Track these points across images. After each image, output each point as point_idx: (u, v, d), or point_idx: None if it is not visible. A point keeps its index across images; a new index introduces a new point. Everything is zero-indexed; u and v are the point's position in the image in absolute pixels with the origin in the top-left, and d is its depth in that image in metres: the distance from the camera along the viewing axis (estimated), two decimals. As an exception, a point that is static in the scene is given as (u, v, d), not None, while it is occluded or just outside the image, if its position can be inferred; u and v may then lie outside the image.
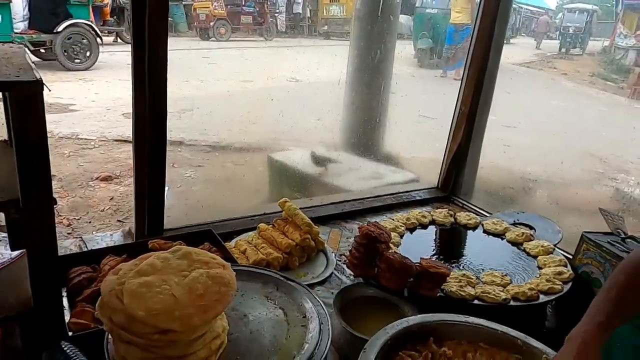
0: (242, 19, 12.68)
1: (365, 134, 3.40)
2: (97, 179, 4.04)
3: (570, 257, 1.71)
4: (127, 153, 4.56)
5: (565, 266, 1.66)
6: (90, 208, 3.57)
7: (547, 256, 1.73)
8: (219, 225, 1.99)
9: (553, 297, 1.51)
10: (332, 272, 1.78)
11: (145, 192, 1.74)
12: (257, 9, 12.58)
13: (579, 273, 1.64)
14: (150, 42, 1.53)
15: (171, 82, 1.65)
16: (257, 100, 4.68)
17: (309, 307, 1.26)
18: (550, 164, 4.13)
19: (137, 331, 0.96)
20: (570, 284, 1.57)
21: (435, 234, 1.99)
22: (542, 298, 1.50)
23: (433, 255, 1.82)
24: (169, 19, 1.62)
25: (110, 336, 1.06)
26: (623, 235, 1.63)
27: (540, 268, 1.69)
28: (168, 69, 1.61)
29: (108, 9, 10.20)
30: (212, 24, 11.80)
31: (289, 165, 3.23)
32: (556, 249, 1.81)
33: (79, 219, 3.40)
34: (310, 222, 1.85)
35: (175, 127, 4.47)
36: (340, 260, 1.86)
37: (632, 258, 1.09)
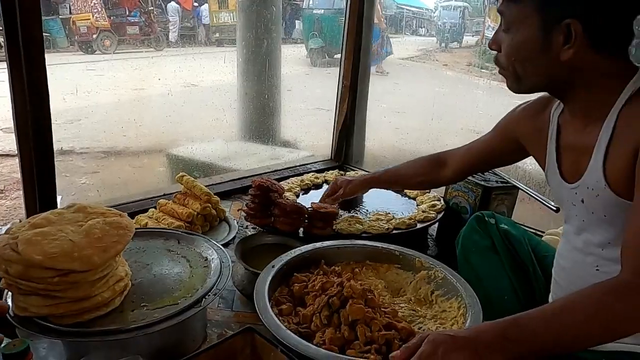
0: (128, 30, 12.15)
1: (261, 122, 3.52)
2: (-20, 196, 3.74)
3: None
4: (10, 167, 4.27)
5: (439, 200, 1.91)
6: (-24, 226, 3.31)
7: (424, 196, 1.97)
8: (118, 208, 1.99)
9: (428, 223, 1.74)
10: (236, 236, 1.87)
11: (36, 204, 1.71)
12: (144, 19, 12.18)
13: (450, 205, 1.89)
14: (27, 56, 1.49)
15: (55, 95, 1.64)
16: (151, 106, 4.60)
17: (210, 252, 1.35)
18: (436, 141, 4.56)
19: (36, 277, 1.00)
20: (442, 213, 1.82)
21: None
22: (420, 225, 1.73)
23: (327, 209, 1.98)
24: (46, 34, 1.60)
25: (9, 293, 1.08)
26: (481, 170, 1.91)
27: (418, 205, 1.92)
28: (51, 82, 1.59)
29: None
30: (95, 36, 11.19)
31: (189, 157, 3.27)
32: (431, 189, 2.05)
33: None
34: (209, 191, 1.92)
35: (63, 138, 4.27)
36: (243, 227, 1.95)
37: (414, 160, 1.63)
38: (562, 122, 1.07)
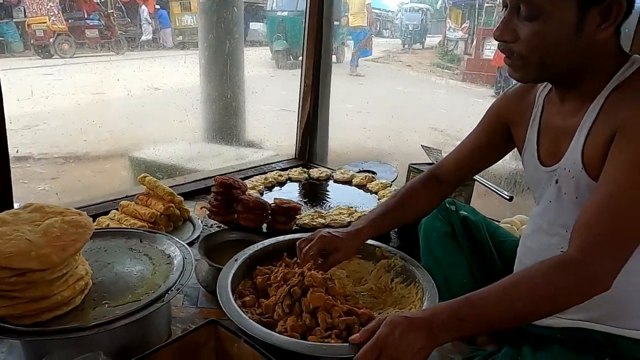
0: (87, 34, 11.82)
1: (225, 122, 3.52)
2: None
3: (404, 187, 2.03)
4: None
5: (399, 194, 1.96)
6: None
7: (385, 190, 2.02)
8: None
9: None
10: (200, 235, 1.87)
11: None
12: (104, 22, 11.90)
13: (410, 197, 1.94)
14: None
15: (9, 100, 1.60)
16: (112, 110, 4.52)
17: (172, 250, 1.35)
18: (398, 138, 4.65)
19: (-7, 277, 0.98)
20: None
21: (298, 189, 2.19)
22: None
23: (291, 206, 2.01)
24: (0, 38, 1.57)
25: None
26: (439, 162, 1.98)
27: (380, 199, 1.97)
28: (5, 86, 1.55)
29: None
30: (52, 40, 10.85)
31: (152, 160, 3.23)
32: (393, 184, 2.11)
33: None
34: (173, 191, 1.92)
35: (21, 143, 4.13)
36: (207, 226, 1.95)
37: (410, 182, 1.41)
38: (547, 104, 1.09)
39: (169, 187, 2.05)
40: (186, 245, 1.36)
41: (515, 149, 1.23)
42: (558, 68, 0.94)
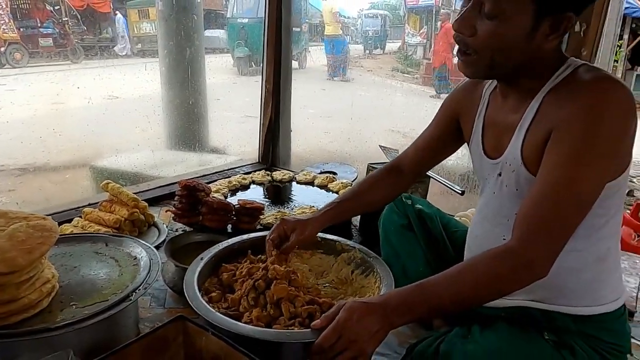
0: (40, 42, 11.48)
1: (188, 129, 3.53)
2: None
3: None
4: None
5: (359, 192, 2.04)
6: None
7: (346, 189, 2.10)
8: (41, 220, 1.95)
9: (350, 213, 1.86)
10: (165, 239, 1.89)
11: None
12: (58, 31, 11.58)
13: (370, 195, 2.03)
14: None
15: None
16: (71, 119, 4.44)
17: (138, 251, 1.38)
18: (361, 141, 4.75)
19: (-42, 283, 1.00)
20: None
21: (262, 192, 2.24)
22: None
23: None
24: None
25: None
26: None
27: (341, 198, 2.05)
28: None
29: None
30: (3, 49, 10.50)
31: (115, 168, 3.21)
32: (353, 184, 2.19)
33: None
34: (137, 197, 1.94)
35: (-27, 156, 4.01)
36: (172, 230, 1.98)
37: (370, 174, 1.49)
38: (492, 100, 1.17)
39: (133, 193, 2.06)
40: (152, 247, 1.39)
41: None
42: (506, 67, 1.00)
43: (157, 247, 1.81)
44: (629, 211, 2.90)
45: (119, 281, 1.24)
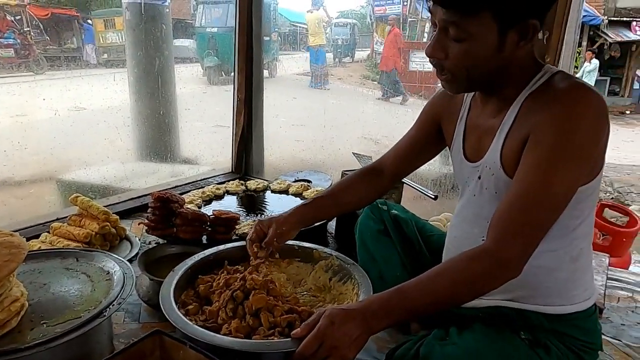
0: (1, 53, 11.14)
1: (158, 140, 3.48)
2: None
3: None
4: None
5: (335, 200, 2.05)
6: None
7: (322, 190, 2.10)
8: (6, 237, 1.88)
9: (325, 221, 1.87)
10: (138, 252, 1.85)
11: None
12: (20, 41, 11.26)
13: (344, 202, 2.04)
14: None
15: None
16: (37, 133, 4.31)
17: (111, 266, 1.35)
18: (330, 148, 4.78)
19: None
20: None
21: (237, 201, 2.22)
22: (318, 223, 1.84)
23: (230, 217, 2.04)
24: None
25: None
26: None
27: (316, 205, 2.05)
28: None
29: None
30: (-40, 60, 10.13)
31: (83, 182, 3.13)
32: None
33: None
34: (107, 210, 1.89)
35: None
36: (145, 243, 1.94)
37: (348, 175, 1.50)
38: (473, 105, 1.20)
39: (104, 206, 2.01)
40: (125, 261, 1.36)
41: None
42: (483, 79, 1.04)
43: (130, 261, 1.77)
44: (594, 211, 2.99)
45: (91, 297, 1.21)
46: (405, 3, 14.57)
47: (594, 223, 1.14)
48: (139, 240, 1.94)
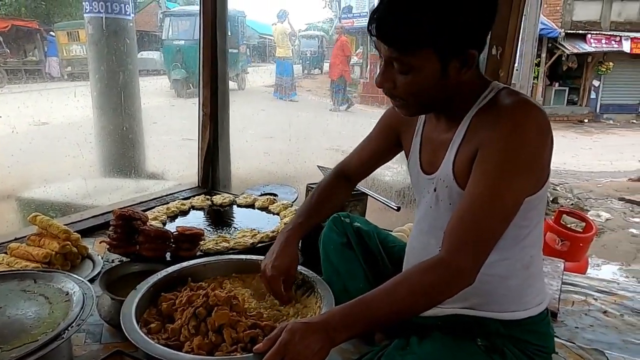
0: (-46, 67, 10.76)
1: (122, 155, 3.43)
2: None
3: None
4: None
5: (300, 213, 2.06)
6: None
7: (286, 210, 2.12)
8: (-40, 259, 1.81)
9: (291, 234, 1.88)
10: (101, 271, 1.82)
11: None
12: (-26, 54, 10.93)
13: (310, 215, 2.06)
14: None
15: None
16: (-5, 149, 4.18)
17: (71, 286, 1.32)
18: (296, 161, 4.80)
19: None
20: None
21: (202, 217, 2.21)
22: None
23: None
24: None
25: None
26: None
27: (282, 219, 2.06)
28: None
29: None
30: None
31: (44, 199, 3.05)
32: (293, 204, 2.22)
33: None
34: (68, 229, 1.86)
35: None
36: (109, 261, 1.90)
37: (321, 183, 1.51)
38: (428, 119, 1.25)
39: (65, 225, 1.97)
40: (85, 281, 1.34)
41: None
42: (434, 103, 1.10)
43: (92, 281, 1.74)
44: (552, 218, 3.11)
45: (49, 319, 1.18)
46: (372, 16, 14.81)
47: (543, 231, 1.19)
48: (102, 258, 1.91)
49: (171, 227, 2.03)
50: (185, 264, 1.44)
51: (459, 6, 0.98)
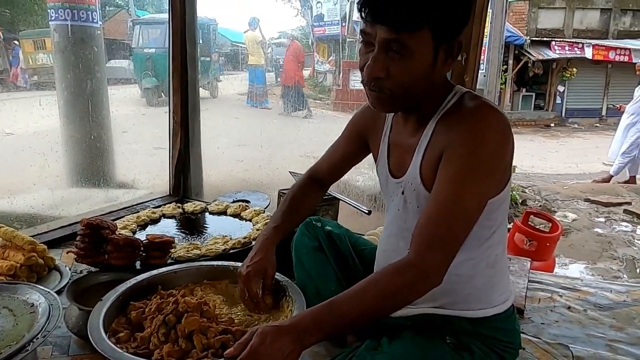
0: None
1: (90, 164, 3.37)
2: None
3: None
4: None
5: (272, 218, 2.07)
6: None
7: (259, 216, 2.12)
8: None
9: (263, 239, 1.88)
10: (68, 282, 1.78)
11: None
12: None
13: (283, 221, 2.06)
14: None
15: None
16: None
17: (36, 297, 1.29)
18: (268, 167, 4.79)
19: None
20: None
21: (174, 225, 2.18)
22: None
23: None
24: None
25: None
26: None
27: (254, 225, 2.06)
28: None
29: None
30: None
31: (8, 211, 2.97)
32: (266, 211, 2.22)
33: None
34: (34, 240, 1.81)
35: None
36: (77, 272, 1.87)
37: (294, 188, 1.52)
38: (395, 123, 1.26)
39: (31, 236, 1.92)
40: (52, 292, 1.31)
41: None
42: (412, 99, 1.09)
43: (60, 292, 1.70)
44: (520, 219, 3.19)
45: (13, 332, 1.16)
46: (343, 24, 14.94)
47: (507, 231, 1.23)
48: (70, 269, 1.87)
49: (141, 235, 2.01)
50: (155, 271, 1.43)
51: None
